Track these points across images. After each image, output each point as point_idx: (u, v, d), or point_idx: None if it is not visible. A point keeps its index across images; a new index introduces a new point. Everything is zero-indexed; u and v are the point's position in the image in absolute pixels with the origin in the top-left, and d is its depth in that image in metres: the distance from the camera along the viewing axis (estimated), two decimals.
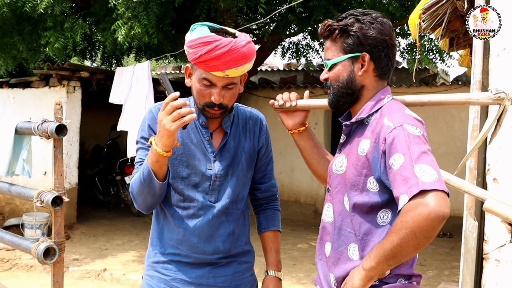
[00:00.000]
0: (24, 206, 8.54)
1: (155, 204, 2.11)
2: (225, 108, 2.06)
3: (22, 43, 7.38)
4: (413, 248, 1.55)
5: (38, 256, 3.46)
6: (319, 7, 7.42)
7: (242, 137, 2.20)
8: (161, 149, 1.89)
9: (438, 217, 1.49)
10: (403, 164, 1.58)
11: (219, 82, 1.99)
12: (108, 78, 8.93)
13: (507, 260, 3.00)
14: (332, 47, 1.88)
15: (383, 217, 1.74)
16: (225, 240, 2.14)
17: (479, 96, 1.85)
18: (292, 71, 13.18)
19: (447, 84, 9.88)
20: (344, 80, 1.85)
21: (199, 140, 2.12)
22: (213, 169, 2.10)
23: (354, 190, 1.77)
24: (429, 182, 1.52)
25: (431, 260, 7.33)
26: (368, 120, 1.83)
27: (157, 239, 2.20)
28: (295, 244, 8.09)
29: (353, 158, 1.80)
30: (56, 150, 3.57)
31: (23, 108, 8.77)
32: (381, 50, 1.82)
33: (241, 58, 1.94)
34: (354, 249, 1.79)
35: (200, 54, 1.92)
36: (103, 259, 7.06)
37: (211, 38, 1.92)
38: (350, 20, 1.82)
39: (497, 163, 3.05)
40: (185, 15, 8.26)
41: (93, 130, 12.18)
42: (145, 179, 1.98)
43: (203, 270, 2.13)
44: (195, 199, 2.09)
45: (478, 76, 3.15)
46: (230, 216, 2.15)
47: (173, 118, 1.82)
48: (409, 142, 1.61)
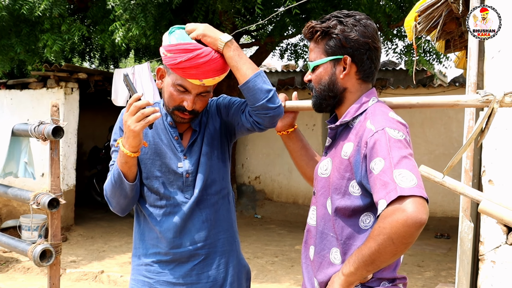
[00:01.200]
0: (22, 208, 8.53)
1: (129, 206, 2.12)
2: (195, 114, 2.08)
3: (19, 45, 7.39)
4: (391, 254, 1.53)
5: (34, 259, 3.46)
6: (317, 9, 7.44)
7: (207, 129, 2.17)
8: (128, 150, 1.91)
9: (415, 224, 1.46)
10: (383, 169, 1.56)
11: (194, 90, 2.00)
12: (106, 79, 8.94)
13: (502, 261, 3.01)
14: (315, 48, 1.87)
15: (365, 221, 1.72)
16: (200, 228, 2.11)
17: (467, 98, 1.85)
18: (290, 72, 13.18)
19: (445, 85, 9.89)
20: (326, 83, 1.84)
21: (168, 139, 2.13)
22: (183, 166, 2.10)
23: (337, 194, 1.76)
24: (408, 188, 1.50)
25: (429, 261, 7.34)
26: (353, 123, 1.81)
27: (139, 241, 2.20)
28: (293, 246, 8.09)
29: (337, 161, 1.79)
30: (53, 152, 3.57)
31: (20, 109, 8.77)
32: (363, 53, 1.80)
33: (220, 68, 1.96)
34: (336, 253, 1.78)
35: (180, 61, 1.92)
36: (101, 261, 7.06)
37: (193, 46, 1.93)
38: (333, 22, 1.81)
39: (492, 164, 3.06)
40: (183, 16, 8.27)
41: (91, 132, 12.18)
42: (116, 181, 2.00)
43: (185, 268, 2.11)
44: (171, 196, 2.10)
45: (473, 77, 3.17)
46: (201, 203, 2.12)
47: (137, 119, 1.84)
48: (389, 146, 1.59)
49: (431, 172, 2.22)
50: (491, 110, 1.77)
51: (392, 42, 9.44)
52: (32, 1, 6.40)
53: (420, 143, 9.55)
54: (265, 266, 6.88)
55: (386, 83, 10.29)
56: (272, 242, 8.36)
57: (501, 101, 1.78)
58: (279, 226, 9.61)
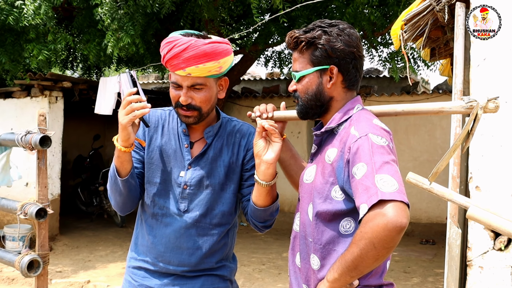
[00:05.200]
0: (5, 218, 8.43)
1: (126, 205, 2.13)
2: (197, 110, 2.04)
3: (4, 54, 7.32)
4: (373, 259, 1.54)
5: (22, 269, 3.42)
6: (302, 17, 7.48)
7: (225, 149, 2.16)
8: (120, 145, 1.94)
9: (395, 228, 1.48)
10: (365, 174, 1.58)
11: (184, 82, 1.99)
12: (90, 88, 8.89)
13: (490, 266, 3.04)
14: (300, 58, 1.87)
15: (346, 226, 1.73)
16: (192, 253, 2.09)
17: (451, 105, 1.88)
18: (274, 80, 13.22)
19: (428, 93, 10.01)
20: (313, 93, 1.85)
21: (178, 146, 2.13)
22: (184, 176, 2.09)
23: (319, 198, 1.77)
24: (389, 192, 1.52)
25: (415, 267, 7.39)
26: (338, 129, 1.83)
27: (133, 244, 2.23)
28: (280, 253, 8.09)
29: (321, 166, 1.81)
30: (40, 162, 3.54)
31: (4, 118, 8.68)
32: (349, 62, 1.82)
33: (202, 55, 1.93)
34: (313, 258, 1.79)
35: (164, 54, 1.97)
36: (87, 271, 6.99)
37: (172, 38, 1.97)
38: (318, 33, 1.81)
39: (479, 171, 3.10)
40: (168, 25, 8.27)
41: (75, 141, 12.09)
42: (112, 176, 2.04)
43: (168, 278, 2.11)
44: (164, 206, 2.10)
45: (459, 85, 3.21)
46: (201, 230, 2.10)
47: (126, 112, 1.89)
48: (372, 152, 1.61)
49: (418, 179, 2.23)
50: (475, 116, 1.80)
51: (377, 49, 9.52)
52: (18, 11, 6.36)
53: (404, 150, 9.63)
54: (252, 274, 6.87)
55: (370, 91, 10.37)
56: (258, 250, 8.36)
57: (484, 107, 1.81)
58: (265, 234, 9.60)
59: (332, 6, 8.00)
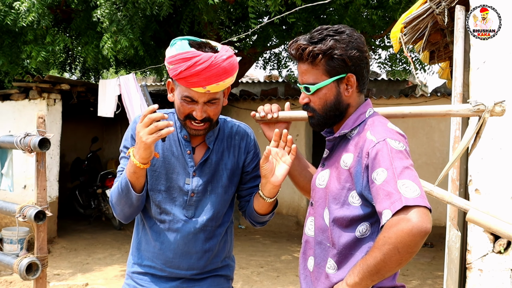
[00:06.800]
0: (3, 221, 8.41)
1: (133, 215, 2.11)
2: (210, 122, 2.03)
3: (2, 56, 7.31)
4: (396, 264, 1.55)
5: (20, 272, 3.41)
6: (300, 20, 7.48)
7: (226, 152, 2.16)
8: (138, 161, 1.89)
9: (420, 233, 1.50)
10: (386, 179, 1.59)
11: (200, 98, 1.96)
12: (89, 90, 8.87)
13: (489, 269, 3.04)
14: (313, 70, 1.82)
15: (362, 230, 1.74)
16: (201, 257, 2.12)
17: (458, 108, 1.88)
18: (273, 83, 13.22)
19: (426, 96, 10.02)
20: (332, 103, 1.83)
21: (180, 153, 2.11)
22: (191, 184, 2.08)
23: (335, 204, 1.77)
24: (412, 198, 1.53)
25: (414, 270, 7.38)
26: (351, 134, 1.83)
27: (136, 250, 2.20)
28: (278, 256, 8.08)
29: (336, 171, 1.81)
30: (39, 164, 3.53)
31: (2, 121, 8.66)
32: (363, 67, 1.82)
33: (222, 73, 1.90)
34: (330, 262, 1.79)
35: (180, 70, 1.89)
36: (85, 274, 6.97)
37: (190, 54, 1.89)
38: (331, 43, 1.77)
39: (479, 174, 3.10)
40: (167, 28, 8.27)
41: (73, 143, 12.07)
42: (123, 189, 1.98)
43: (176, 282, 2.13)
44: (171, 212, 2.09)
45: (459, 88, 3.21)
46: (208, 233, 2.12)
47: (150, 131, 1.82)
48: (392, 157, 1.62)
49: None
50: (483, 120, 1.80)
51: (375, 52, 9.53)
52: (16, 12, 6.35)
53: None
54: (251, 277, 6.85)
55: (369, 94, 10.38)
56: (257, 252, 8.34)
57: (491, 110, 1.82)
58: (263, 237, 9.59)
59: (331, 9, 8.01)
